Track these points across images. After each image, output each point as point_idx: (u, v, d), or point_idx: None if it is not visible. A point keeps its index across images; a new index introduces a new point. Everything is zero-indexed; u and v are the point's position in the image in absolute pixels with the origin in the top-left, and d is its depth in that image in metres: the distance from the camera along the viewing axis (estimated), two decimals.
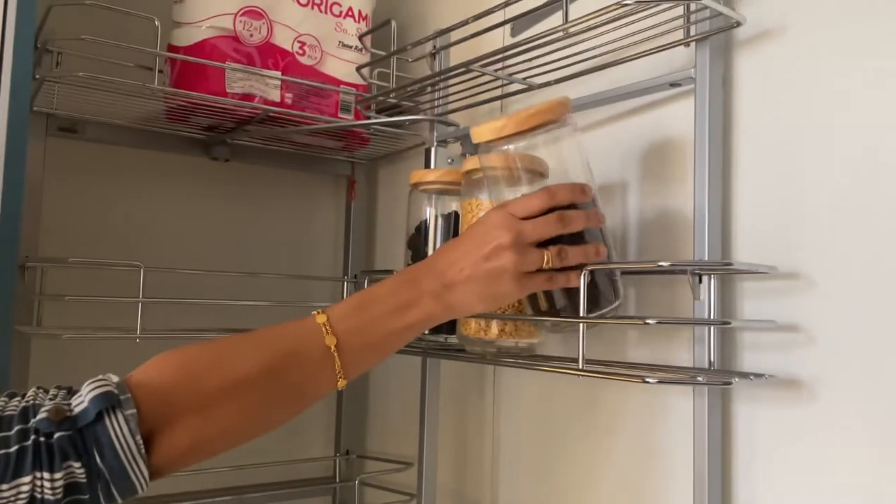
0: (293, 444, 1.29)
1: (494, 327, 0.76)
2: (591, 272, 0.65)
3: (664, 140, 0.77)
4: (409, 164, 1.24)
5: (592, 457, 0.83)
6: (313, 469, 1.28)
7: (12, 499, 0.48)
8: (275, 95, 1.03)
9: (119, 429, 0.51)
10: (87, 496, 0.50)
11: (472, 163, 0.78)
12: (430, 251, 0.87)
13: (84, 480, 0.50)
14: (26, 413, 0.51)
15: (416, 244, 0.88)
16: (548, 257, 0.63)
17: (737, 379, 0.62)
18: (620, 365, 0.71)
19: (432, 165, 0.97)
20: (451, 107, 1.00)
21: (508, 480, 0.96)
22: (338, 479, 1.25)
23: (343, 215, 1.34)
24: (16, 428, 0.49)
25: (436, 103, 1.00)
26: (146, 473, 0.52)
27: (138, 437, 0.52)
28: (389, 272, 0.87)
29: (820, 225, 0.63)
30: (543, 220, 0.64)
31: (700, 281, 0.68)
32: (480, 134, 0.69)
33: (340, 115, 1.09)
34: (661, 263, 0.63)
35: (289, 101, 1.05)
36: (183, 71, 0.99)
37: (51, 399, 0.53)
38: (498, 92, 0.93)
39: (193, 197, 1.22)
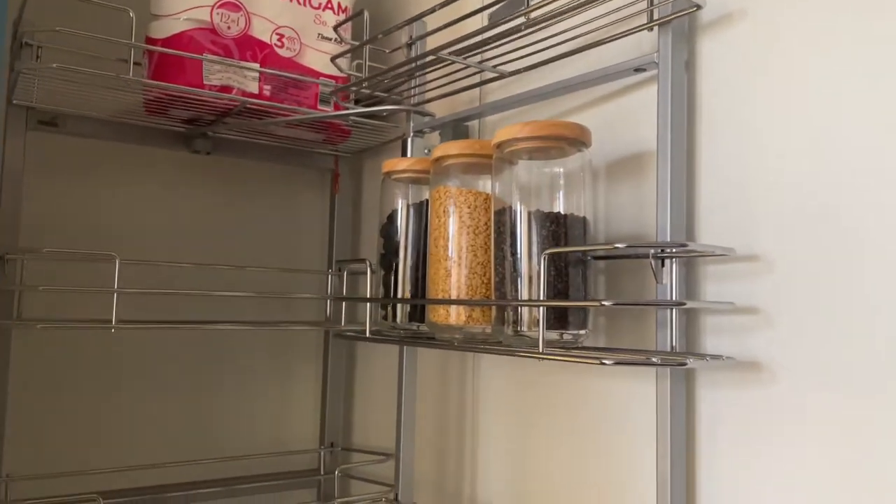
0: (281, 436, 1.30)
1: (462, 314, 0.76)
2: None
3: (632, 126, 0.77)
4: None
5: (568, 443, 0.83)
6: (299, 462, 1.29)
7: None
8: (253, 87, 1.04)
9: None
10: None
11: (440, 150, 0.78)
12: (401, 242, 0.87)
13: None
14: None
15: (389, 232, 0.88)
16: None
17: (691, 360, 0.62)
18: (584, 349, 0.71)
19: (409, 155, 0.97)
20: (427, 96, 1.01)
21: (488, 470, 0.96)
22: (322, 471, 1.25)
23: (318, 210, 1.35)
24: None
25: (412, 93, 1.00)
26: None
27: None
28: (362, 261, 0.88)
29: (779, 208, 0.63)
30: None
31: (662, 265, 0.68)
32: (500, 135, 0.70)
33: (320, 107, 1.09)
34: (617, 245, 0.63)
35: (267, 93, 1.05)
36: (161, 63, 0.99)
37: None
38: (476, 79, 0.93)
39: (174, 190, 1.22)
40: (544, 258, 0.65)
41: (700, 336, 0.69)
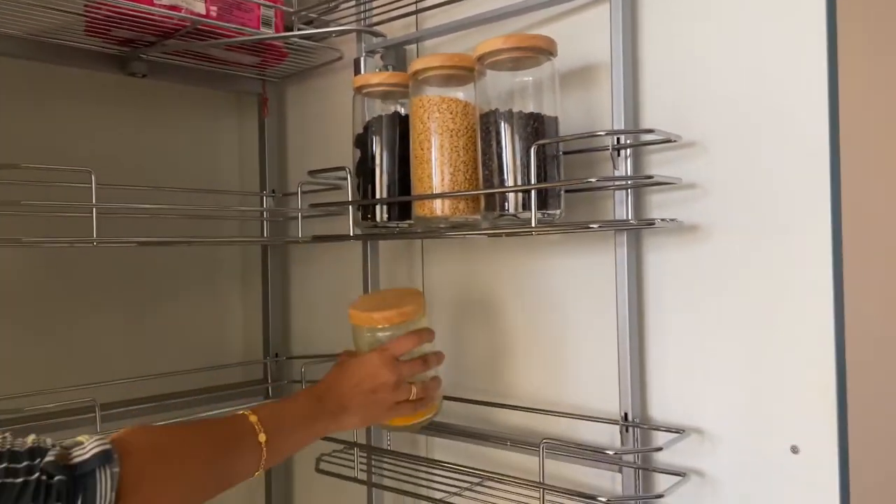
0: (213, 351, 1.36)
1: (449, 206, 0.88)
2: None
3: (577, 44, 0.92)
4: (317, 83, 1.31)
5: (525, 308, 0.99)
6: (232, 375, 1.35)
7: None
8: (200, 8, 1.06)
9: (104, 483, 0.60)
10: None
11: (418, 64, 0.89)
12: (377, 149, 0.96)
13: None
14: (33, 452, 0.58)
15: (365, 142, 0.97)
16: (414, 392, 0.86)
17: (658, 222, 0.80)
18: (566, 223, 0.86)
19: (362, 73, 1.06)
20: (374, 20, 1.09)
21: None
22: (269, 380, 1.33)
23: (247, 134, 1.40)
24: (24, 463, 0.57)
25: (361, 16, 1.08)
26: None
27: (113, 494, 0.61)
28: (341, 168, 0.97)
29: (712, 102, 0.81)
30: (413, 363, 0.87)
31: (619, 154, 0.84)
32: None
33: (262, 28, 1.14)
34: (598, 133, 0.78)
35: (213, 14, 1.08)
36: None
37: (53, 446, 0.61)
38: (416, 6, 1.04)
39: (106, 113, 1.22)
40: (534, 149, 0.79)
41: (649, 211, 0.86)
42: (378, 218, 0.96)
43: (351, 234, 0.97)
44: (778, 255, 0.77)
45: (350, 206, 0.97)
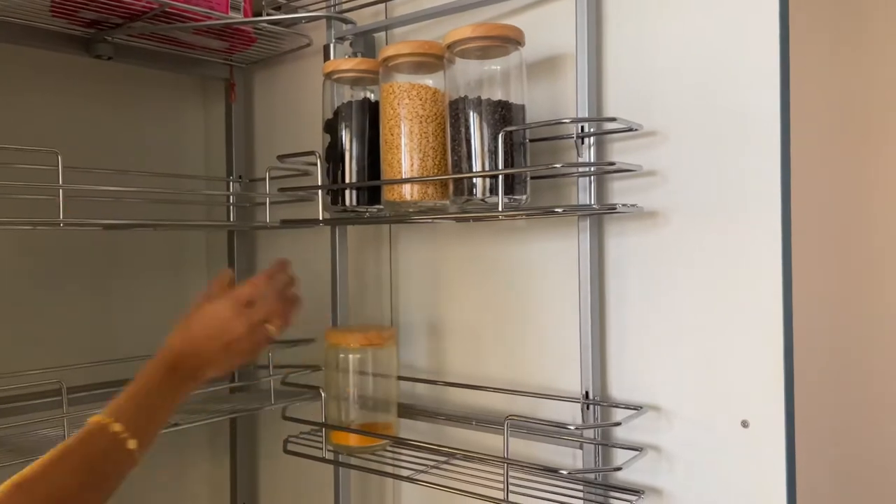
0: None
1: (417, 191, 0.90)
2: None
3: (549, 35, 0.95)
4: (285, 69, 1.32)
5: (489, 291, 1.02)
6: None
7: None
8: None
9: None
10: None
11: (391, 50, 0.90)
12: (347, 135, 0.98)
13: None
14: None
15: (334, 127, 0.99)
16: (271, 331, 0.79)
17: (619, 206, 0.83)
18: (532, 207, 0.89)
19: (332, 59, 1.07)
20: (344, 6, 1.10)
21: (408, 338, 1.12)
22: None
23: (213, 119, 1.40)
24: None
25: (331, 3, 1.10)
26: None
27: None
28: (311, 153, 0.99)
29: (673, 93, 0.85)
30: (266, 302, 0.79)
31: (582, 142, 0.87)
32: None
33: (231, 13, 1.14)
34: (563, 120, 0.81)
35: None
36: None
37: None
38: None
39: (72, 95, 1.21)
40: (501, 136, 0.82)
41: (611, 196, 0.90)
42: (347, 202, 0.98)
43: (320, 219, 0.99)
44: (731, 241, 0.81)
45: (319, 191, 0.99)
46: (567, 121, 0.86)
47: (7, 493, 0.61)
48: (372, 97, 0.99)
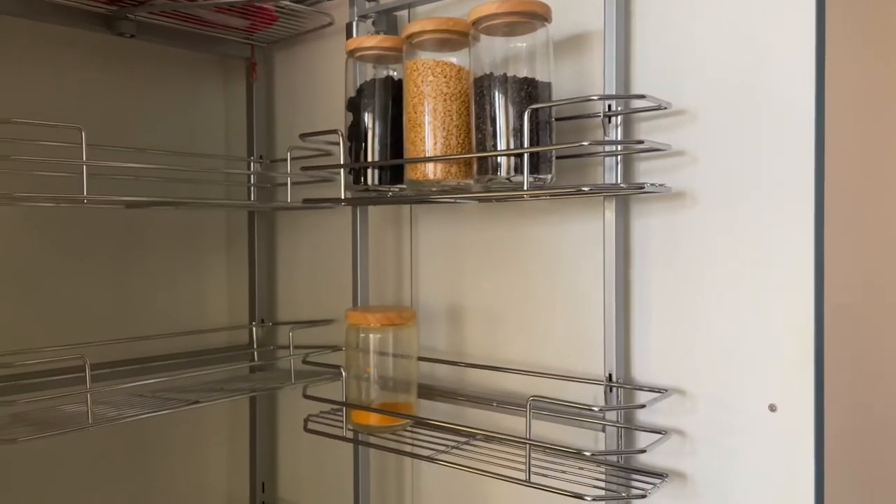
0: (195, 316, 1.36)
1: (440, 171, 0.89)
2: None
3: (576, 12, 0.93)
4: (307, 48, 1.31)
5: (512, 272, 1.01)
6: (216, 339, 1.36)
7: None
8: None
9: None
10: None
11: (416, 27, 0.89)
12: (370, 113, 0.97)
13: None
14: None
15: (357, 105, 0.98)
16: None
17: (625, 185, 0.81)
18: (558, 187, 0.88)
19: (355, 36, 1.06)
20: None
21: (429, 320, 1.11)
22: (255, 345, 1.34)
23: (233, 99, 1.39)
24: None
25: None
26: None
27: None
28: (333, 132, 0.98)
29: (703, 71, 0.83)
30: None
31: (609, 121, 0.86)
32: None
33: None
34: (591, 97, 0.80)
35: None
36: None
37: None
38: None
39: (93, 73, 1.20)
40: (528, 113, 0.80)
41: (636, 178, 0.88)
42: (370, 182, 0.97)
43: (342, 198, 0.98)
44: (762, 222, 0.80)
45: (342, 170, 0.98)
46: (595, 97, 0.84)
47: None
48: (395, 75, 0.98)
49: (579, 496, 0.78)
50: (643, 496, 0.80)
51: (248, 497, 1.38)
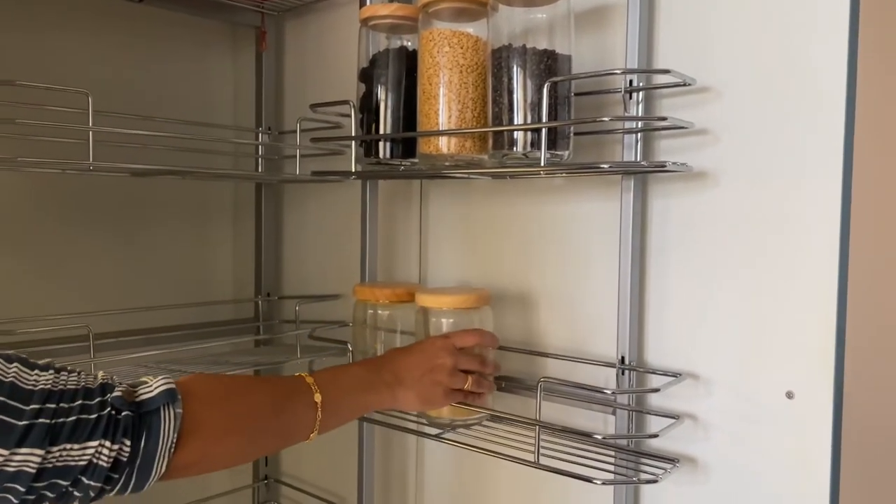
0: (199, 288, 1.35)
1: (454, 145, 0.87)
2: None
3: None
4: (318, 18, 1.28)
5: (524, 251, 0.99)
6: (222, 312, 1.35)
7: (77, 458, 0.56)
8: None
9: (168, 423, 0.61)
10: (117, 476, 0.59)
11: None
12: (383, 84, 0.94)
13: (125, 459, 0.59)
14: (104, 388, 0.60)
15: (370, 76, 0.95)
16: (469, 382, 0.86)
17: (645, 163, 0.79)
18: (576, 163, 0.85)
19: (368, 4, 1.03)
20: None
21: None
22: (260, 319, 1.33)
23: (242, 68, 1.37)
24: (96, 399, 0.58)
25: None
26: (163, 470, 0.61)
27: (175, 435, 0.61)
28: (344, 102, 0.95)
29: (728, 48, 0.80)
30: (471, 358, 0.87)
31: (630, 97, 0.83)
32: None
33: None
34: (614, 71, 0.77)
35: None
36: None
37: (119, 384, 0.61)
38: None
39: (102, 38, 1.18)
40: (547, 87, 0.78)
41: (656, 156, 0.86)
42: (381, 155, 0.95)
43: (353, 171, 0.96)
44: (785, 205, 0.77)
45: (353, 142, 0.96)
46: (618, 71, 0.82)
47: (195, 378, 0.68)
48: (410, 46, 0.95)
49: (588, 479, 0.77)
50: (654, 481, 0.79)
51: (251, 471, 1.38)
